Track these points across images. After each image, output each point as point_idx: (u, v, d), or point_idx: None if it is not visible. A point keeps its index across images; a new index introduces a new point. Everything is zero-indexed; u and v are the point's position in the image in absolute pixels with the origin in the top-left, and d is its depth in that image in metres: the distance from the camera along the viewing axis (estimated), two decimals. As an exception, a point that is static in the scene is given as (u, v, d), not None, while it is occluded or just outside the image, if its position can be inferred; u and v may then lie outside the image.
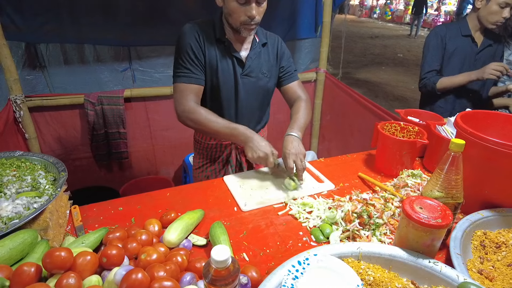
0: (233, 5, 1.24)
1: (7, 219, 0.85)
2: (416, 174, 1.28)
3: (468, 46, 2.06)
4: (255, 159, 1.33)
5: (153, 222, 1.04)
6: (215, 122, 1.35)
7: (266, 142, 1.35)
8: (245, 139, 1.34)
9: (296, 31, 3.14)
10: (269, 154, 1.32)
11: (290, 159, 1.29)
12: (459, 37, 2.06)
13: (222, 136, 1.42)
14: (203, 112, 1.35)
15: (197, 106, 1.37)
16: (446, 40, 2.06)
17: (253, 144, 1.33)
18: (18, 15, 2.31)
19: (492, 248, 0.98)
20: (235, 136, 1.36)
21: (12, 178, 1.04)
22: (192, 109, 1.35)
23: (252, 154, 1.33)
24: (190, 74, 1.35)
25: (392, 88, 7.01)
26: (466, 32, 2.05)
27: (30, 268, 0.71)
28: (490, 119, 1.26)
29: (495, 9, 1.87)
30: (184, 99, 1.35)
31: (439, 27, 2.13)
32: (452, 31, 2.07)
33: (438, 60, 2.08)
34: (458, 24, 2.09)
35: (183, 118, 1.38)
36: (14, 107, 2.12)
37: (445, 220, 0.83)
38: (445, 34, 2.06)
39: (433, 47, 2.08)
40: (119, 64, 2.74)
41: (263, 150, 1.31)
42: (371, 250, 0.88)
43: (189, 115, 1.36)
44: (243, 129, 1.36)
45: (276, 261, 0.94)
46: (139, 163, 2.82)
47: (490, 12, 1.90)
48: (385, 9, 20.78)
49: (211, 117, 1.36)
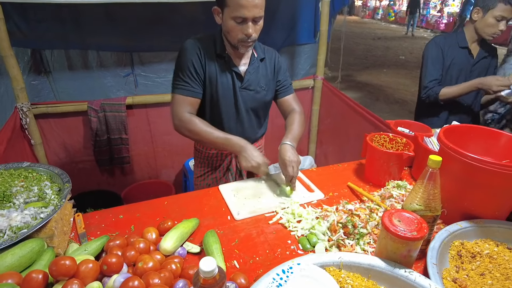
0: (231, 24, 1.31)
1: (16, 229, 0.93)
2: (401, 185, 1.35)
3: (464, 57, 2.09)
4: (248, 167, 1.41)
5: (151, 230, 1.11)
6: (209, 132, 1.43)
7: (259, 152, 1.43)
8: (239, 148, 1.42)
9: (296, 37, 3.20)
10: (262, 164, 1.40)
11: (290, 166, 1.38)
12: (457, 49, 2.09)
13: (217, 146, 1.49)
14: (198, 123, 1.43)
15: (192, 116, 1.44)
16: (445, 51, 2.09)
17: (246, 154, 1.41)
18: (24, 22, 2.39)
19: (468, 258, 1.04)
20: (229, 146, 1.44)
21: (20, 188, 1.11)
22: (188, 120, 1.42)
23: (246, 163, 1.41)
24: (188, 87, 1.42)
25: (393, 91, 7.05)
26: (463, 44, 2.08)
27: (38, 275, 0.79)
28: (472, 133, 1.32)
29: (491, 22, 1.91)
30: (181, 110, 1.43)
31: (438, 38, 2.17)
32: (450, 43, 2.10)
33: (439, 70, 2.10)
34: (456, 36, 2.12)
35: (179, 128, 1.46)
36: (20, 115, 2.20)
37: (420, 233, 0.89)
38: (444, 45, 2.10)
39: (434, 58, 2.11)
40: (121, 69, 2.83)
41: (256, 160, 1.40)
42: (351, 259, 0.94)
43: (185, 125, 1.43)
44: (237, 140, 1.43)
45: (265, 269, 1.01)
46: (140, 167, 2.90)
47: (487, 25, 1.93)
48: (389, 10, 20.78)
49: (206, 128, 1.43)
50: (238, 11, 1.26)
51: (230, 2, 1.26)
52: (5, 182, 1.13)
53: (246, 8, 1.25)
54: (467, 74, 2.11)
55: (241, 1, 1.24)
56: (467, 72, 2.11)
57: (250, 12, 1.26)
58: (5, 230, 0.92)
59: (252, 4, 1.25)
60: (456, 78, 2.11)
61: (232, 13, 1.28)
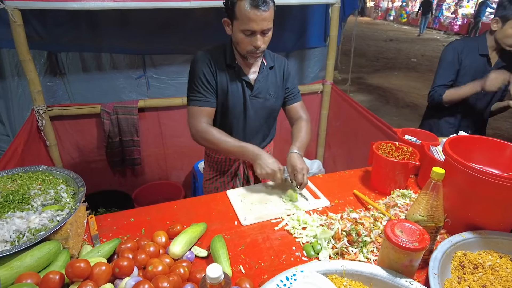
0: (240, 36, 1.35)
1: (35, 231, 0.98)
2: (406, 194, 1.37)
3: (482, 65, 2.05)
4: (264, 175, 1.44)
5: (161, 234, 1.15)
6: (226, 141, 1.47)
7: (274, 160, 1.45)
8: (254, 157, 1.46)
9: (306, 40, 3.23)
10: (277, 171, 1.43)
11: (301, 173, 1.41)
12: (476, 55, 2.04)
13: (233, 154, 1.54)
14: (215, 132, 1.48)
15: (209, 126, 1.49)
16: (463, 56, 2.05)
17: (261, 161, 1.44)
18: (42, 26, 2.48)
19: (470, 269, 1.06)
20: (245, 154, 1.48)
21: (38, 191, 1.17)
22: (204, 130, 1.47)
23: (260, 170, 1.44)
24: (202, 98, 1.47)
25: (403, 95, 7.00)
26: (483, 52, 2.03)
27: (55, 276, 0.84)
28: (478, 144, 1.33)
29: (510, 32, 1.86)
30: (198, 121, 1.48)
31: (457, 42, 2.12)
32: (470, 48, 2.05)
33: (451, 75, 2.07)
34: (477, 41, 2.06)
35: (197, 138, 1.51)
36: (37, 117, 2.28)
37: (422, 244, 0.91)
38: (462, 49, 2.05)
39: (448, 62, 2.08)
40: (134, 72, 2.90)
41: (271, 167, 1.42)
42: (354, 268, 0.97)
43: (203, 135, 1.48)
44: (252, 148, 1.47)
45: (269, 274, 1.04)
46: (151, 169, 2.97)
47: (506, 36, 1.88)
48: (401, 11, 20.56)
49: (222, 137, 1.48)
50: (247, 24, 1.29)
51: (239, 15, 1.30)
52: (24, 185, 1.19)
53: (255, 21, 1.28)
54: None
55: (250, 15, 1.27)
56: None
57: (258, 25, 1.30)
58: (25, 232, 0.97)
59: (260, 18, 1.28)
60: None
61: (241, 26, 1.32)
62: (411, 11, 19.83)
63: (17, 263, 0.88)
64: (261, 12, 1.27)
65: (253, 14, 1.27)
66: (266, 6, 1.28)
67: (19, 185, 1.18)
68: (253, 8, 1.26)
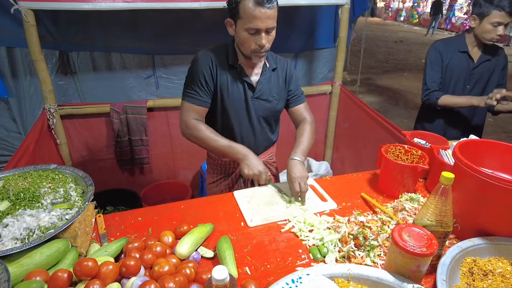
0: (244, 35, 1.35)
1: (44, 229, 1.00)
2: (415, 198, 1.35)
3: (464, 61, 2.14)
4: (250, 175, 1.47)
5: (168, 234, 1.16)
6: (214, 139, 1.48)
7: (260, 161, 1.49)
8: (242, 156, 1.48)
9: (315, 41, 3.22)
10: (263, 172, 1.46)
11: (296, 182, 1.41)
12: (456, 53, 2.14)
13: (220, 152, 1.55)
14: (204, 130, 1.49)
15: (198, 123, 1.50)
16: (444, 55, 2.15)
17: (249, 162, 1.46)
18: (54, 27, 2.52)
19: (479, 276, 1.04)
20: (232, 153, 1.49)
21: (48, 190, 1.19)
22: (194, 127, 1.48)
23: (248, 170, 1.46)
24: (197, 96, 1.48)
25: (413, 96, 6.92)
26: (462, 49, 2.13)
27: (64, 274, 0.85)
28: (489, 148, 1.31)
29: (488, 28, 1.96)
30: (188, 116, 1.49)
31: (437, 43, 2.22)
32: (450, 46, 2.16)
33: (438, 72, 2.17)
34: (456, 40, 2.18)
35: (185, 134, 1.53)
36: (48, 115, 2.32)
37: (430, 249, 0.90)
38: (443, 49, 2.16)
39: (433, 62, 2.18)
40: (143, 71, 2.93)
41: (258, 168, 1.45)
42: (360, 272, 0.96)
43: (191, 131, 1.49)
44: (240, 148, 1.49)
45: (275, 277, 1.04)
46: (159, 168, 2.99)
47: (484, 31, 1.98)
48: (412, 12, 20.34)
49: (211, 135, 1.49)
50: (252, 22, 1.30)
51: (243, 14, 1.30)
52: (35, 183, 1.21)
53: (260, 19, 1.28)
54: (466, 78, 2.16)
55: (254, 13, 1.27)
56: (466, 76, 2.16)
57: (263, 23, 1.30)
58: (35, 230, 0.99)
59: (265, 16, 1.28)
60: (455, 81, 2.17)
61: (246, 25, 1.32)
62: (423, 12, 19.60)
63: (27, 260, 0.89)
64: (265, 10, 1.28)
65: (258, 12, 1.27)
66: (271, 3, 1.28)
67: (30, 183, 1.20)
68: (258, 6, 1.27)
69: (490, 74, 2.16)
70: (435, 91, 2.14)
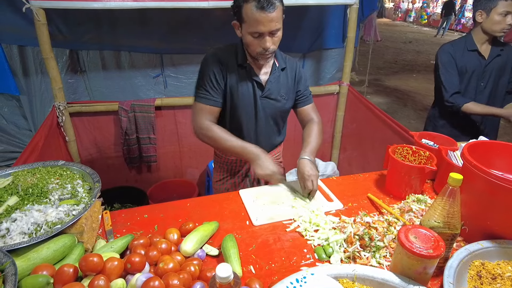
0: (249, 38, 1.35)
1: (51, 224, 1.01)
2: (422, 199, 1.33)
3: (475, 60, 2.11)
4: (263, 175, 1.47)
5: (173, 231, 1.17)
6: (227, 140, 1.48)
7: (272, 162, 1.49)
8: (254, 157, 1.47)
9: (323, 41, 3.21)
10: (276, 172, 1.45)
11: (309, 180, 1.41)
12: (466, 52, 2.12)
13: (233, 153, 1.55)
14: (217, 130, 1.49)
15: (211, 124, 1.50)
16: (456, 57, 2.13)
17: (261, 162, 1.46)
18: (64, 25, 2.57)
19: (488, 279, 1.02)
20: (245, 154, 1.49)
21: (56, 185, 1.20)
22: (207, 127, 1.49)
23: (260, 171, 1.46)
24: (209, 96, 1.48)
25: (421, 97, 6.84)
26: (472, 47, 2.11)
27: (69, 269, 0.86)
28: (498, 149, 1.29)
29: (497, 19, 1.94)
30: (201, 117, 1.49)
31: (445, 46, 2.20)
32: (458, 48, 2.14)
33: (455, 75, 2.14)
34: (463, 40, 2.15)
35: (198, 135, 1.52)
36: (57, 113, 2.35)
37: (437, 251, 0.89)
38: (453, 51, 2.13)
39: (447, 64, 2.15)
40: (152, 70, 2.96)
41: (270, 168, 1.45)
42: (365, 273, 0.95)
43: (205, 132, 1.49)
44: (253, 148, 1.48)
45: (280, 276, 1.04)
46: (166, 166, 3.01)
47: (494, 23, 1.96)
48: (421, 13, 20.12)
49: (224, 135, 1.49)
50: (255, 27, 1.29)
51: (246, 18, 1.30)
52: (43, 179, 1.22)
53: (262, 23, 1.28)
54: (479, 76, 2.14)
55: (257, 17, 1.27)
56: (479, 74, 2.13)
57: (266, 27, 1.29)
58: (42, 225, 1.00)
59: (268, 19, 1.27)
60: (467, 80, 2.14)
61: (249, 29, 1.32)
62: (432, 12, 19.37)
63: (34, 254, 0.91)
64: (267, 14, 1.26)
65: (259, 16, 1.26)
66: (272, 7, 1.26)
67: (38, 179, 1.22)
68: (259, 11, 1.26)
69: (503, 69, 2.13)
70: (458, 95, 2.11)
